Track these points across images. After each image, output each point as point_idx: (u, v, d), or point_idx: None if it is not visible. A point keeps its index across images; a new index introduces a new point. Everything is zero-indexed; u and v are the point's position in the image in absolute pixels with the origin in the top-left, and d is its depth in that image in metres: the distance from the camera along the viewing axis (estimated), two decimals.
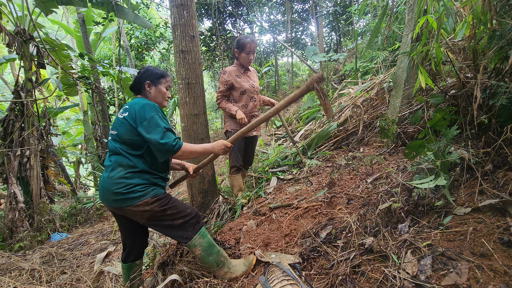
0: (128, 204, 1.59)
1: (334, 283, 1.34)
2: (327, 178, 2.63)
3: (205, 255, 1.72)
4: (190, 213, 1.73)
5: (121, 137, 1.65)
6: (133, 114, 1.62)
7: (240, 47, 2.75)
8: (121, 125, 1.64)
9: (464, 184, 1.57)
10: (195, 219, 1.75)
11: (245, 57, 2.77)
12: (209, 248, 1.73)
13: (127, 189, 1.58)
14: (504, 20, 1.57)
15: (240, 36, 2.80)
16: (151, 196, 1.62)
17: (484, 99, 1.65)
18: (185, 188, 3.73)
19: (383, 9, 3.58)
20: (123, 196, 1.58)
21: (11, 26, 5.02)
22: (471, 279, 1.10)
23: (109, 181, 1.60)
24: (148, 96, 1.78)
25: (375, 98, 3.48)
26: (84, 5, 4.99)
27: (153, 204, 1.62)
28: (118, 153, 1.65)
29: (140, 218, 1.66)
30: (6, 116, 4.27)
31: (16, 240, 3.82)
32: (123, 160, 1.63)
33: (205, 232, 1.77)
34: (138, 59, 9.76)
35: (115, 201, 1.60)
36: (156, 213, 1.64)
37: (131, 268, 1.87)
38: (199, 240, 1.71)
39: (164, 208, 1.65)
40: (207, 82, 13.85)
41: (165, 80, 1.80)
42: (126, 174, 1.60)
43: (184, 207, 1.73)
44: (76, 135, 10.18)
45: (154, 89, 1.78)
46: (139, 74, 1.80)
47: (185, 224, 1.70)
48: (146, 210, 1.61)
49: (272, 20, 10.74)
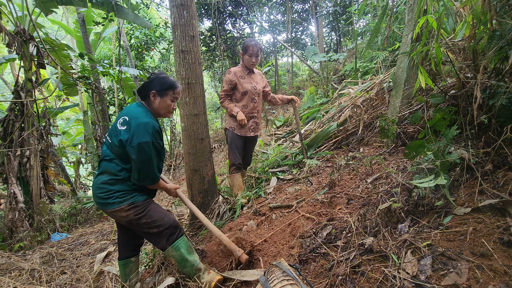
0: (108, 208, 1.67)
1: (334, 283, 1.34)
2: (327, 178, 2.63)
3: (179, 265, 1.79)
4: (164, 224, 1.74)
5: (113, 148, 1.68)
6: (129, 131, 1.61)
7: (243, 49, 2.86)
8: (116, 137, 1.66)
9: (464, 184, 1.57)
10: (169, 230, 1.76)
11: (248, 59, 2.86)
12: (182, 261, 1.76)
13: (107, 195, 1.65)
14: (504, 20, 1.57)
15: (246, 39, 2.91)
16: (128, 204, 1.66)
17: (484, 99, 1.65)
18: (185, 188, 3.74)
19: (383, 9, 3.58)
20: (103, 201, 1.66)
21: (11, 26, 5.01)
22: (471, 279, 1.10)
23: (95, 185, 1.70)
24: (151, 106, 1.76)
25: (375, 98, 3.48)
26: (84, 5, 4.99)
27: (128, 211, 1.67)
28: (107, 159, 1.70)
29: (120, 221, 1.75)
30: (6, 116, 4.27)
31: (16, 240, 3.82)
32: (109, 167, 1.68)
33: (180, 245, 1.77)
34: (138, 59, 9.77)
35: (98, 203, 1.70)
36: (132, 220, 1.69)
37: (127, 265, 1.91)
38: (172, 253, 1.75)
39: (138, 216, 1.68)
40: (207, 82, 13.85)
41: (173, 92, 1.76)
42: (109, 181, 1.66)
43: (160, 217, 1.74)
44: (76, 135, 10.19)
45: (159, 100, 1.74)
46: (148, 81, 1.77)
47: (160, 233, 1.74)
48: (123, 216, 1.68)
49: (272, 20, 10.74)
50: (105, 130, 6.72)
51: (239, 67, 2.94)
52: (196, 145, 2.73)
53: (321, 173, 2.87)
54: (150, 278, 2.06)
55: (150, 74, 1.80)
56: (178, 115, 9.86)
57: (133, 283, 1.92)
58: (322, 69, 7.09)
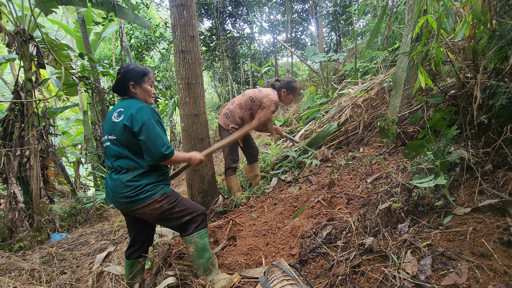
0: (139, 204, 1.64)
1: (334, 283, 1.34)
2: (327, 178, 2.63)
3: (197, 255, 1.75)
4: (198, 210, 1.78)
5: (122, 142, 1.66)
6: (129, 117, 1.62)
7: (291, 89, 2.92)
8: (120, 130, 1.65)
9: (464, 184, 1.57)
10: (201, 217, 1.79)
11: (291, 98, 2.99)
12: (202, 250, 1.75)
13: (137, 191, 1.62)
14: (504, 20, 1.57)
15: (293, 81, 2.94)
16: (160, 194, 1.67)
17: (484, 99, 1.65)
18: (185, 188, 3.73)
19: (383, 9, 3.59)
20: (133, 198, 1.62)
21: (11, 26, 5.01)
22: (471, 279, 1.10)
23: (119, 185, 1.63)
24: (134, 97, 1.78)
25: (375, 98, 3.48)
26: (84, 5, 4.99)
27: (162, 202, 1.66)
28: (122, 157, 1.67)
29: (149, 217, 1.71)
30: (6, 116, 4.27)
31: (16, 240, 3.82)
32: (130, 164, 1.65)
33: (205, 234, 1.78)
34: (138, 59, 9.76)
35: (126, 203, 1.64)
36: (165, 211, 1.68)
37: (134, 265, 1.90)
38: (196, 239, 1.74)
39: (173, 205, 1.70)
40: (207, 82, 13.85)
41: (148, 78, 1.80)
42: (134, 178, 1.63)
43: (192, 204, 1.79)
44: (76, 135, 10.18)
45: (139, 88, 1.77)
46: (121, 76, 1.77)
47: (192, 220, 1.75)
48: (156, 208, 1.66)
49: (272, 20, 10.73)
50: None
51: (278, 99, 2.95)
52: (196, 145, 2.73)
53: (321, 173, 2.87)
54: (150, 278, 2.06)
55: (118, 70, 1.80)
56: (178, 115, 9.85)
57: (133, 283, 1.91)
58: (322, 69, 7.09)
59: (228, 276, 1.77)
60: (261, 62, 10.38)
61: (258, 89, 2.95)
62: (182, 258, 2.13)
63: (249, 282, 1.68)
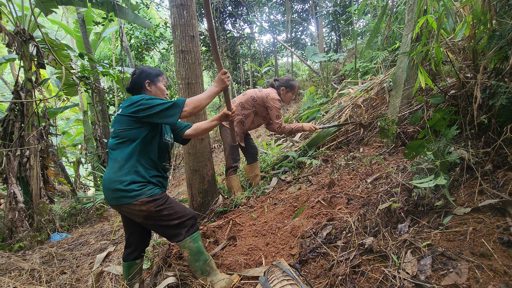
0: (125, 202, 1.61)
1: (334, 283, 1.34)
2: (327, 178, 2.63)
3: (192, 259, 1.74)
4: (187, 214, 1.74)
5: (117, 132, 1.69)
6: (129, 103, 1.68)
7: (289, 87, 2.96)
8: (118, 121, 1.69)
9: (464, 184, 1.57)
10: (191, 221, 1.76)
11: (290, 96, 3.02)
12: (197, 254, 1.74)
13: (123, 185, 1.60)
14: (504, 20, 1.57)
15: (292, 80, 2.98)
16: (147, 196, 1.63)
17: (484, 99, 1.65)
18: (185, 188, 3.73)
19: (382, 9, 3.59)
20: (120, 194, 1.60)
21: (11, 26, 5.01)
22: (471, 279, 1.10)
23: (108, 179, 1.64)
24: (149, 95, 1.82)
25: (375, 98, 3.48)
26: (84, 5, 4.99)
27: (149, 204, 1.62)
28: (114, 148, 1.69)
29: (136, 217, 1.68)
30: (6, 116, 4.27)
31: (16, 240, 3.82)
32: (118, 155, 1.66)
33: (198, 237, 1.77)
34: (138, 59, 9.77)
35: (113, 199, 1.63)
36: (152, 213, 1.65)
37: (131, 267, 1.89)
38: (189, 244, 1.73)
39: (160, 208, 1.66)
40: (207, 82, 13.86)
41: (162, 78, 1.89)
42: (121, 171, 1.62)
43: (181, 208, 1.75)
44: (76, 135, 10.19)
45: (154, 87, 1.85)
46: (136, 75, 1.84)
47: (181, 224, 1.72)
48: (142, 210, 1.63)
49: (272, 20, 10.73)
50: (105, 130, 6.71)
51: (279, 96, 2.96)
52: (196, 145, 2.73)
53: (321, 172, 2.87)
54: (150, 278, 2.06)
55: (132, 73, 1.88)
56: None
57: (132, 284, 1.91)
58: (322, 69, 7.08)
59: (228, 277, 1.77)
60: (261, 62, 10.38)
61: (258, 89, 2.96)
62: (182, 258, 2.13)
63: (249, 282, 1.68)
